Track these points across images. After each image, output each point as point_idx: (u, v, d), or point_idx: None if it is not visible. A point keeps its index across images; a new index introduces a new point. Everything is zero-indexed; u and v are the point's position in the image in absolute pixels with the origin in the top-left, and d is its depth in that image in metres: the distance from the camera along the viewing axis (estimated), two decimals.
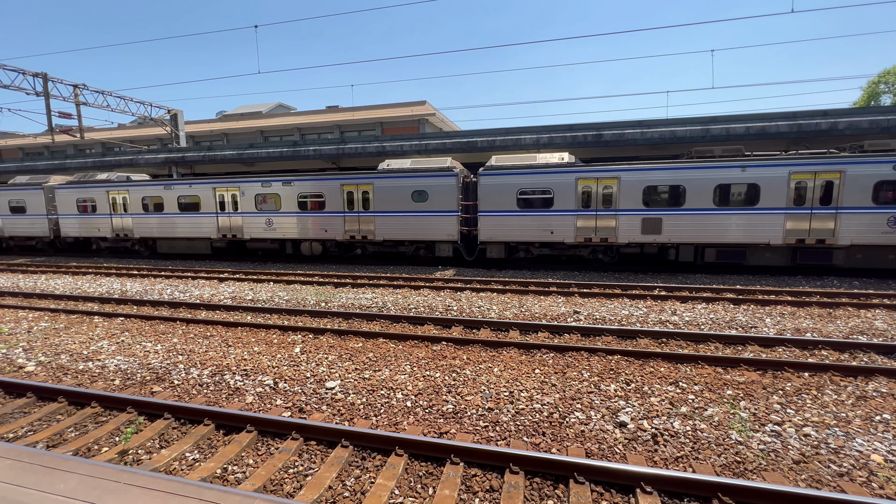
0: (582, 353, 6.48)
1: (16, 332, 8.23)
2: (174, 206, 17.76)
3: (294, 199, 16.19)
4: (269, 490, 3.64)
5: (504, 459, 3.77)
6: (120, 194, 18.60)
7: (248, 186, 16.72)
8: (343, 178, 15.63)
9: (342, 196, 15.69)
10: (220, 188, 17.03)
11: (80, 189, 19.23)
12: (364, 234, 15.65)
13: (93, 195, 19.11)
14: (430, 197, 14.72)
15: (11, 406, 5.23)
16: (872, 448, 4.07)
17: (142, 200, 18.24)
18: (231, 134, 34.22)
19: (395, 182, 15.10)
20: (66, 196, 19.58)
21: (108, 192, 18.74)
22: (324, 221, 16.04)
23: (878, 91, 32.84)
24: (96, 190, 18.98)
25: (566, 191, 13.57)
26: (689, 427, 4.46)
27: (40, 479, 2.84)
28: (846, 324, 7.90)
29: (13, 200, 20.55)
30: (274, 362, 6.42)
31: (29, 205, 20.20)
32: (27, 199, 20.17)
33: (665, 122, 16.69)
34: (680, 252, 13.23)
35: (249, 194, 16.71)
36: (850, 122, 14.92)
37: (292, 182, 16.14)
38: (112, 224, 18.97)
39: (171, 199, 17.79)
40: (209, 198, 17.26)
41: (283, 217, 16.48)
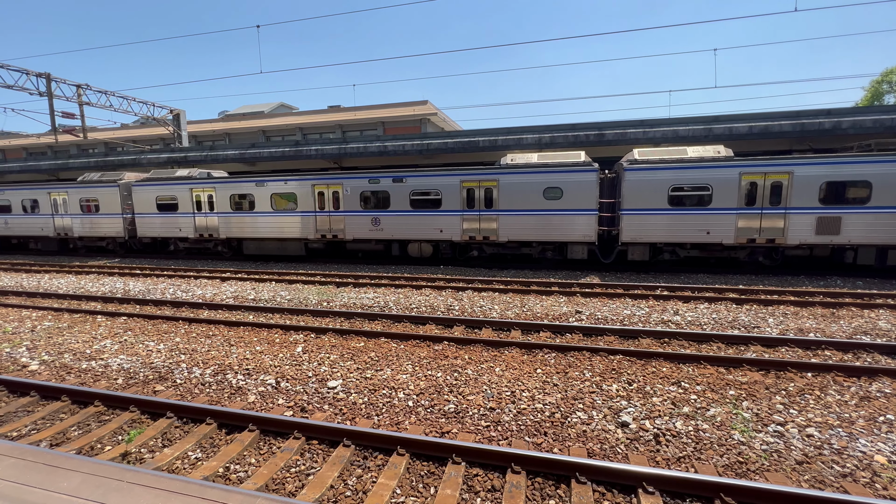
0: (584, 352, 6.48)
1: (20, 331, 8.27)
2: (266, 204, 16.52)
3: (405, 197, 15.02)
4: (271, 489, 3.65)
5: (506, 459, 3.77)
6: (205, 192, 17.37)
7: (352, 183, 15.59)
8: (463, 173, 14.44)
9: (461, 193, 14.44)
10: (320, 185, 15.83)
11: (160, 186, 18.04)
12: (486, 235, 14.35)
13: (174, 192, 17.88)
14: (565, 194, 13.49)
15: (15, 405, 5.26)
16: (876, 449, 4.05)
17: (230, 198, 17.03)
18: (233, 134, 34.29)
19: (524, 178, 13.84)
20: (144, 194, 18.33)
21: (192, 190, 17.52)
22: (439, 221, 14.78)
23: (881, 90, 32.67)
24: (179, 187, 17.77)
25: (727, 187, 12.35)
26: (692, 427, 4.45)
27: (44, 477, 2.85)
28: (849, 324, 7.87)
29: (85, 198, 19.22)
30: (276, 362, 6.43)
31: (102, 203, 18.91)
32: (101, 196, 18.89)
33: (667, 122, 16.64)
34: (859, 254, 12.14)
35: (354, 192, 15.56)
36: (854, 122, 14.85)
37: (404, 179, 14.96)
38: (195, 224, 17.73)
39: (263, 197, 16.54)
40: (307, 195, 15.98)
41: (392, 216, 15.28)
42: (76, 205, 19.42)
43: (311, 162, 21.60)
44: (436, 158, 20.07)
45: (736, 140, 15.96)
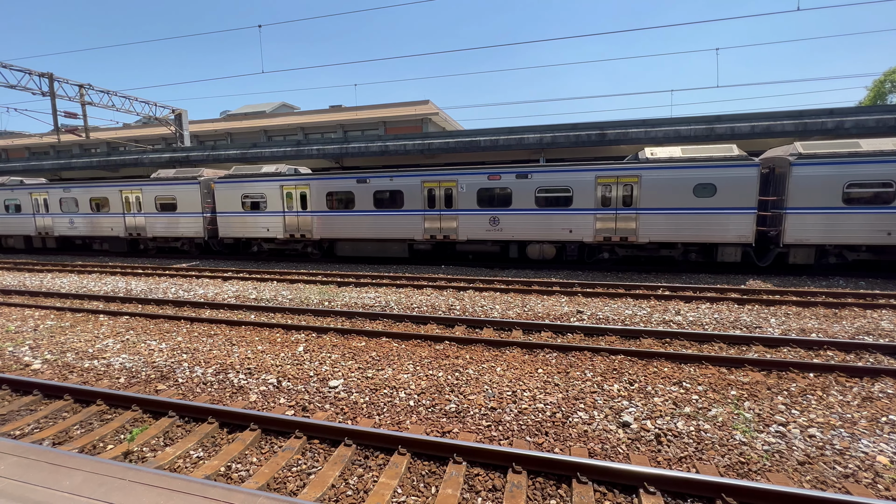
0: (585, 352, 6.47)
1: (22, 331, 8.30)
2: (368, 203, 15.43)
3: (530, 195, 13.81)
4: (272, 488, 3.66)
5: (507, 459, 3.77)
6: (298, 189, 16.19)
7: (468, 180, 14.43)
8: (599, 168, 13.28)
9: (595, 191, 13.28)
10: (431, 182, 14.72)
11: (247, 183, 16.79)
12: (623, 236, 13.16)
13: (262, 190, 16.63)
14: (719, 191, 12.32)
15: (18, 403, 5.28)
16: (878, 449, 4.04)
17: (326, 196, 15.91)
18: (235, 133, 34.34)
19: (670, 174, 12.64)
20: (228, 191, 17.07)
21: (283, 187, 16.32)
22: (569, 220, 13.61)
23: (884, 90, 32.53)
24: (267, 184, 16.54)
25: None
26: (693, 427, 4.44)
27: (46, 475, 2.86)
28: (852, 324, 7.85)
29: (162, 197, 17.98)
30: (277, 361, 6.44)
31: (181, 201, 17.67)
32: (178, 194, 17.66)
33: (669, 121, 16.62)
34: None
35: (470, 189, 14.41)
36: (857, 121, 14.81)
37: (530, 175, 13.76)
38: (285, 223, 16.54)
39: (364, 195, 15.44)
40: (415, 193, 14.88)
41: (513, 215, 14.09)
42: (151, 203, 18.22)
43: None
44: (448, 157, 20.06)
45: (738, 139, 15.92)
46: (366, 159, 20.55)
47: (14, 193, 20.69)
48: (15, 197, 20.71)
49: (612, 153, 18.03)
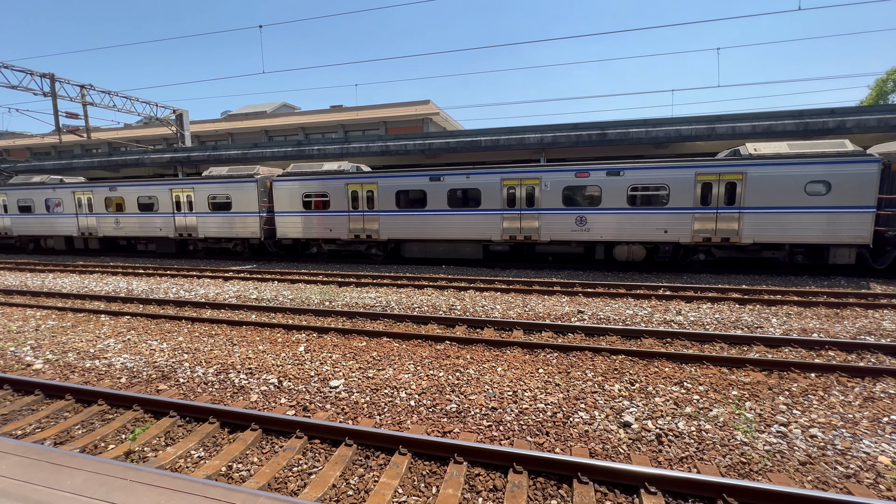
0: (586, 352, 6.47)
1: (24, 331, 8.32)
2: (442, 201, 14.63)
3: (622, 193, 13.05)
4: (273, 488, 3.66)
5: (507, 459, 3.77)
6: (364, 187, 15.41)
7: (553, 177, 13.63)
8: (699, 165, 12.53)
9: (694, 188, 12.53)
10: (511, 179, 13.97)
11: (309, 181, 15.95)
12: (725, 236, 12.45)
13: (326, 188, 15.82)
14: (834, 189, 11.63)
15: (20, 403, 5.29)
16: (880, 450, 4.03)
17: (395, 194, 15.10)
18: (236, 133, 34.38)
19: (779, 170, 11.96)
20: (287, 190, 16.21)
21: (348, 185, 15.55)
22: (664, 220, 12.83)
23: (886, 89, 32.46)
24: (331, 182, 15.74)
25: None
26: (694, 427, 4.44)
27: (48, 475, 2.87)
28: (853, 324, 7.83)
29: (216, 195, 17.08)
30: (278, 361, 6.45)
31: (236, 200, 16.81)
32: (234, 193, 16.79)
33: (670, 121, 16.61)
34: None
35: (555, 187, 13.63)
36: (858, 121, 14.78)
37: (622, 172, 12.97)
38: (349, 224, 15.73)
39: (437, 193, 14.68)
40: (494, 191, 14.08)
41: (602, 215, 13.32)
42: (204, 202, 17.31)
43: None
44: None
45: (739, 139, 15.90)
46: (367, 159, 20.57)
47: (56, 192, 19.82)
48: (57, 196, 19.82)
49: (616, 153, 18.00)
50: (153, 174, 25.10)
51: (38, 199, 20.16)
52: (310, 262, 16.61)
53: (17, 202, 20.64)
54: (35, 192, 20.20)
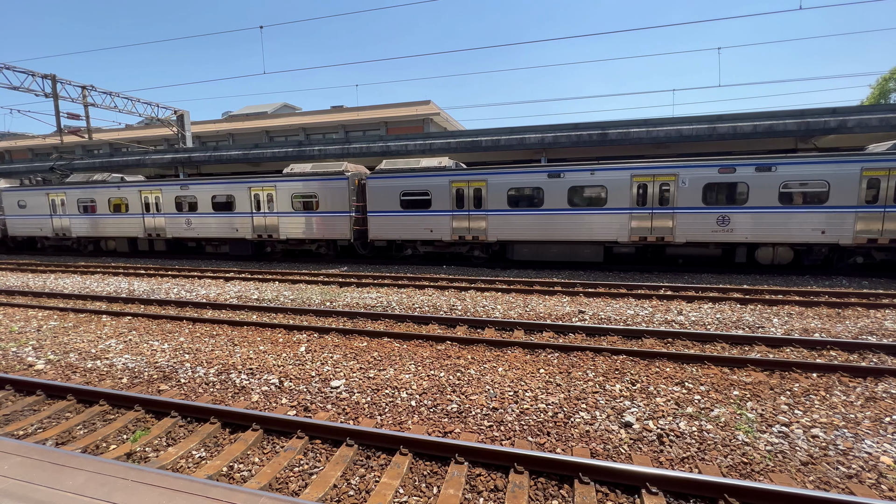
0: (587, 352, 6.46)
1: (26, 331, 8.34)
2: (561, 200, 13.54)
3: (773, 190, 11.95)
4: (274, 488, 3.66)
5: (508, 459, 3.77)
6: (471, 185, 14.25)
7: (692, 173, 12.55)
8: (865, 159, 11.46)
9: (859, 185, 11.40)
10: (643, 175, 12.84)
11: (406, 179, 14.94)
12: (894, 238, 11.48)
13: (426, 186, 14.71)
14: None
15: (21, 403, 5.30)
16: (882, 450, 4.02)
17: (507, 193, 14.00)
18: (237, 134, 34.42)
19: None
20: (382, 188, 15.18)
21: (452, 183, 14.45)
22: (821, 219, 11.76)
23: (888, 88, 32.38)
24: (432, 180, 14.61)
25: None
26: (695, 427, 4.43)
27: (50, 475, 2.87)
28: (855, 324, 7.81)
29: (301, 194, 16.02)
30: (279, 361, 6.45)
31: (323, 199, 15.73)
32: (321, 191, 15.72)
33: (671, 121, 16.59)
34: None
35: (694, 183, 12.53)
36: (860, 120, 14.75)
37: (773, 167, 11.92)
38: (452, 223, 14.65)
39: (556, 191, 13.55)
40: (622, 188, 13.05)
41: (749, 214, 12.22)
42: (286, 201, 16.23)
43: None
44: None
45: (740, 139, 15.89)
46: (367, 160, 20.59)
47: (120, 192, 18.62)
48: (122, 195, 18.62)
49: (618, 153, 17.98)
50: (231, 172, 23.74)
51: (101, 199, 19.07)
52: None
53: (77, 201, 19.51)
54: (97, 190, 19.07)
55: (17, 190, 20.79)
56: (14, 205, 20.93)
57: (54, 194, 19.94)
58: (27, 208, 20.65)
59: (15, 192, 20.84)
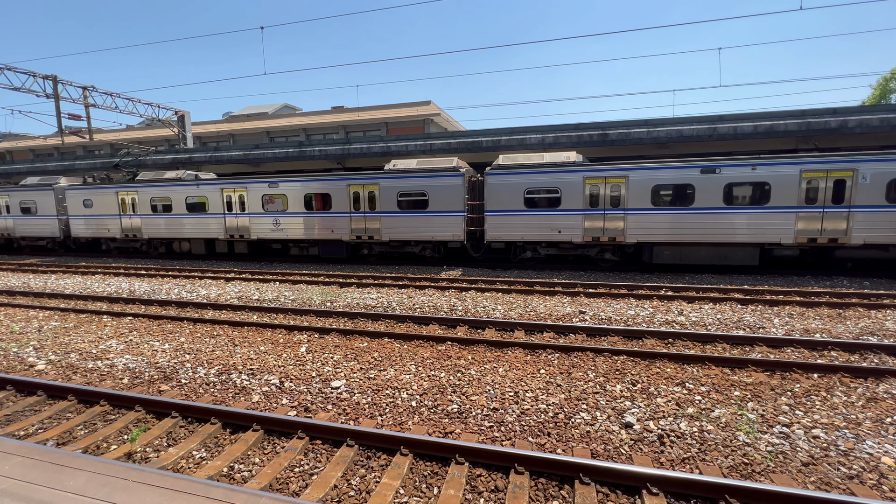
0: (587, 353, 6.46)
1: (27, 331, 8.35)
2: (715, 198, 12.40)
3: None
4: (274, 489, 3.66)
5: (509, 459, 3.77)
6: (608, 181, 13.07)
7: (874, 167, 11.43)
8: None
9: None
10: (815, 171, 11.73)
11: (533, 175, 13.71)
12: None
13: (557, 183, 13.44)
14: None
15: (22, 404, 5.31)
16: (883, 450, 4.01)
17: (651, 190, 12.85)
18: (237, 135, 34.46)
19: None
20: (503, 185, 13.90)
21: (586, 180, 13.23)
22: None
23: (889, 88, 32.34)
24: (565, 175, 13.35)
25: None
26: (696, 428, 4.42)
27: (50, 475, 2.88)
28: (856, 324, 7.80)
29: (409, 191, 14.89)
30: (280, 362, 6.45)
31: (434, 197, 14.61)
32: (432, 189, 14.61)
33: (672, 121, 16.59)
34: None
35: (877, 179, 11.40)
36: (861, 121, 14.74)
37: None
38: (584, 223, 13.43)
39: (709, 188, 12.43)
40: (789, 184, 11.87)
41: None
42: (391, 200, 15.09)
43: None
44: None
45: (741, 139, 15.88)
46: (368, 160, 20.61)
47: (200, 190, 17.51)
48: (201, 194, 17.48)
49: (619, 153, 17.97)
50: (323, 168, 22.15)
51: (178, 197, 17.87)
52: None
53: (149, 200, 18.32)
54: (173, 188, 17.92)
55: (83, 188, 19.57)
56: (79, 204, 19.74)
57: (124, 193, 18.79)
58: (94, 208, 19.48)
59: (80, 190, 19.63)
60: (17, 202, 21.04)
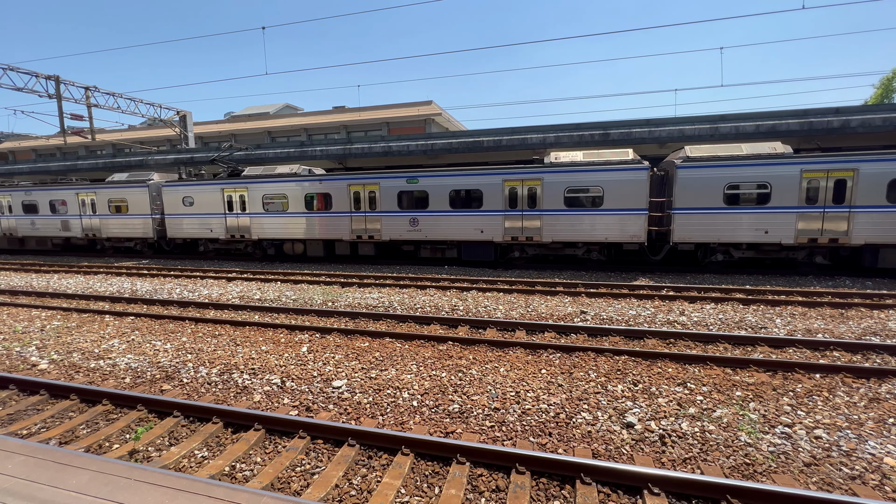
0: (589, 353, 6.45)
1: (29, 331, 8.37)
2: None
3: None
4: (276, 488, 3.67)
5: (510, 459, 3.77)
6: (831, 175, 11.58)
7: None
8: None
9: None
10: None
11: (736, 168, 12.20)
12: None
13: (766, 177, 11.91)
14: None
15: (25, 403, 5.33)
16: (885, 451, 4.00)
17: (889, 185, 11.23)
18: (239, 134, 34.50)
19: None
20: (700, 179, 12.34)
21: (804, 173, 11.80)
22: None
23: (892, 88, 32.21)
24: (777, 168, 11.83)
25: None
26: (698, 428, 4.42)
27: (53, 474, 2.88)
28: (858, 324, 7.78)
29: (579, 187, 13.29)
30: (281, 361, 6.46)
31: (609, 194, 13.02)
32: (607, 185, 13.00)
33: (673, 121, 16.55)
34: None
35: None
36: (863, 120, 14.68)
37: None
38: (797, 224, 11.90)
39: None
40: None
41: None
42: (556, 197, 13.51)
43: None
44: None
45: (742, 139, 15.83)
46: (372, 160, 20.61)
47: (323, 185, 15.90)
48: (324, 190, 15.91)
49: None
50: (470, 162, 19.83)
51: (295, 195, 16.27)
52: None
53: (261, 198, 16.67)
54: (288, 185, 16.34)
55: (184, 185, 17.79)
56: (177, 202, 17.93)
57: (231, 189, 17.12)
58: (195, 206, 17.73)
59: (180, 187, 17.83)
60: (105, 200, 19.16)
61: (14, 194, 21.11)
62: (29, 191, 20.75)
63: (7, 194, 21.28)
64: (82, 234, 19.96)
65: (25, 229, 21.17)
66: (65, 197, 20.00)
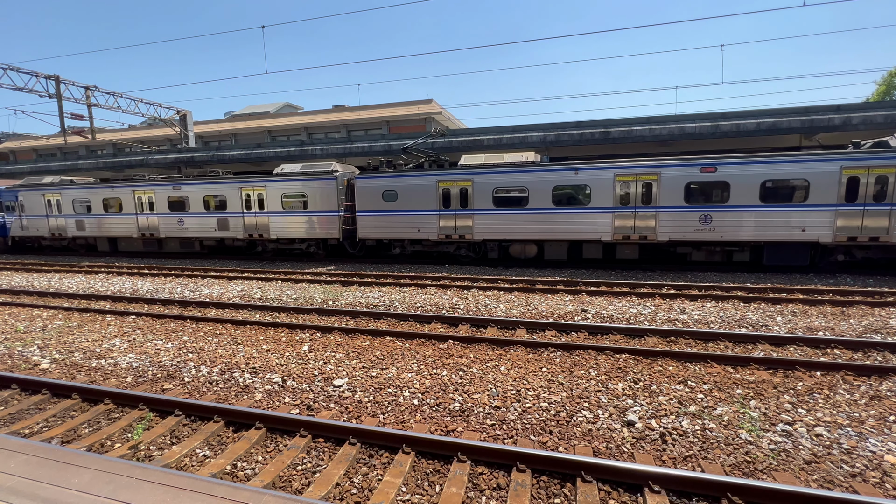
0: (589, 351, 6.45)
1: (31, 330, 8.39)
2: None
3: None
4: (277, 486, 3.68)
5: (511, 458, 3.77)
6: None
7: None
8: None
9: None
10: None
11: None
12: None
13: None
14: None
15: (27, 402, 5.34)
16: (886, 448, 4.00)
17: None
18: (239, 134, 34.50)
19: None
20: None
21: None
22: None
23: (894, 84, 32.10)
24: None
25: None
26: (699, 426, 4.42)
27: (55, 473, 2.89)
28: (860, 322, 7.77)
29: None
30: (282, 360, 6.47)
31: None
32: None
33: (674, 119, 16.52)
34: None
35: None
36: (865, 117, 14.65)
37: None
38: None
39: None
40: None
41: None
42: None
43: None
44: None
45: (744, 137, 15.80)
46: (369, 159, 20.61)
47: (578, 177, 13.55)
48: (581, 182, 13.53)
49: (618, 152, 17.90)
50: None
51: (541, 188, 13.84)
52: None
53: (491, 192, 14.22)
54: (529, 175, 13.90)
55: (384, 177, 15.51)
56: (375, 197, 15.66)
57: (449, 181, 14.82)
58: (398, 201, 15.46)
59: (378, 179, 15.58)
60: (278, 195, 16.72)
61: (158, 189, 18.37)
62: (178, 185, 18.06)
63: (150, 189, 18.52)
64: (244, 234, 17.41)
65: (170, 229, 18.51)
66: (225, 192, 17.41)
